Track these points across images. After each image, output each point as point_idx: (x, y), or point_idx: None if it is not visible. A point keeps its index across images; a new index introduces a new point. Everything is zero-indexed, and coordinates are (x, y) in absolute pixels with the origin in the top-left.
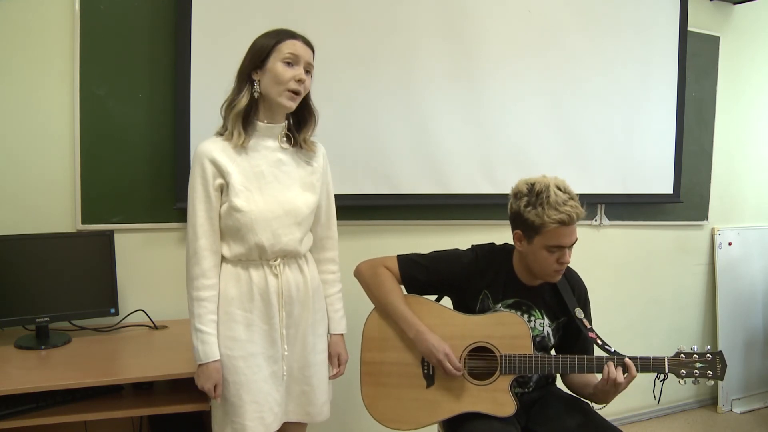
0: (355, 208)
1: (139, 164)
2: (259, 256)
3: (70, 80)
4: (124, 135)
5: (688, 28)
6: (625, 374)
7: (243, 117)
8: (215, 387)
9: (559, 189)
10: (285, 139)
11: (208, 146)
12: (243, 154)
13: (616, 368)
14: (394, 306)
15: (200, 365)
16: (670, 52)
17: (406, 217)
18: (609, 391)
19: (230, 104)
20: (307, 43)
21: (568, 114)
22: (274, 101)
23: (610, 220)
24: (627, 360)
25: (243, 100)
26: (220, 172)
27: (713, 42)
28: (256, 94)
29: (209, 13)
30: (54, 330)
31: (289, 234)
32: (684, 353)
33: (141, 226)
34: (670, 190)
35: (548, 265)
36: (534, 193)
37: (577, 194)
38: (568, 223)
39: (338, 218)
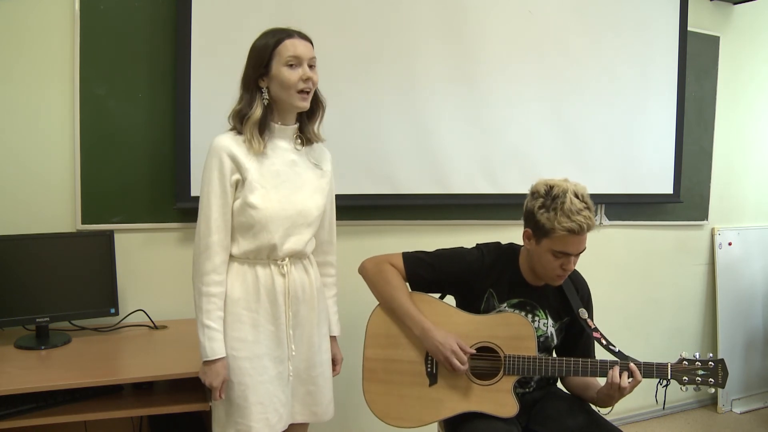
0: (355, 208)
1: (139, 164)
2: (267, 255)
3: (70, 80)
4: (124, 135)
5: (688, 28)
6: (630, 379)
7: (259, 125)
8: (222, 385)
9: (577, 197)
10: (299, 141)
11: (227, 141)
12: (259, 152)
13: (621, 373)
14: (400, 303)
15: (206, 362)
16: (670, 52)
17: (406, 217)
18: (613, 395)
19: (241, 114)
20: (305, 38)
21: (569, 114)
22: (287, 104)
23: (610, 220)
24: (632, 365)
25: (257, 111)
26: (238, 167)
27: (713, 42)
28: (266, 102)
29: (209, 14)
30: (54, 330)
31: (299, 234)
32: (687, 360)
33: (141, 226)
34: (670, 190)
35: (551, 269)
36: (550, 197)
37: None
38: (577, 232)
39: (338, 218)
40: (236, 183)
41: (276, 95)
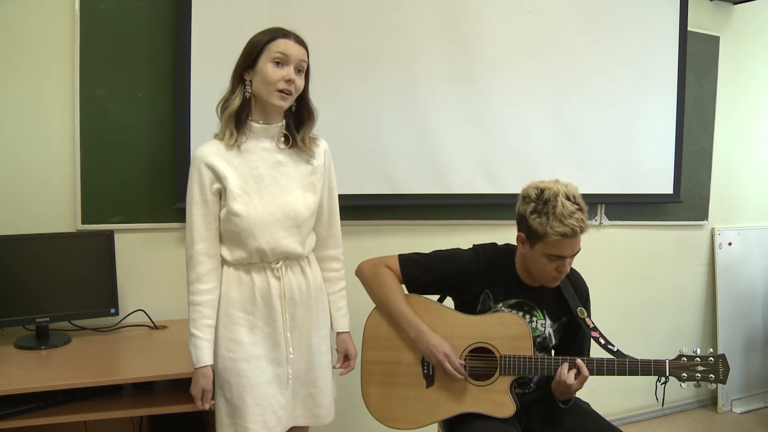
0: (355, 208)
1: (139, 164)
2: (260, 260)
3: (70, 80)
4: (124, 135)
5: (688, 28)
6: (578, 375)
7: (236, 117)
8: (203, 394)
9: (568, 199)
10: (283, 139)
11: (205, 151)
12: (240, 156)
13: (569, 370)
14: (395, 305)
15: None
16: (670, 52)
17: (406, 217)
18: (562, 391)
19: (224, 104)
20: (300, 42)
21: (569, 114)
22: (266, 101)
23: (610, 220)
24: (578, 361)
25: (236, 101)
26: (218, 177)
27: (713, 42)
28: (247, 95)
29: (209, 13)
30: (54, 330)
31: (289, 237)
32: (686, 356)
33: (141, 226)
34: (670, 190)
35: (546, 272)
36: (542, 201)
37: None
38: (571, 236)
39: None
40: (219, 192)
41: (256, 90)
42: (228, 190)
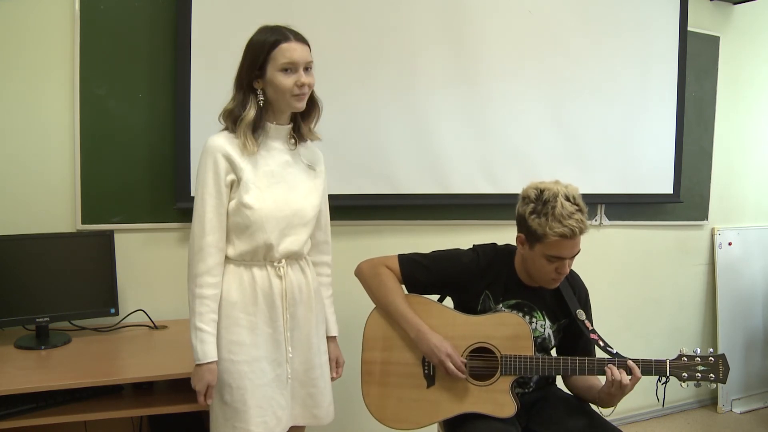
0: (355, 208)
1: (140, 164)
2: (263, 257)
3: (70, 80)
4: (124, 135)
5: (688, 28)
6: (630, 376)
7: (253, 127)
8: (207, 389)
9: (568, 200)
10: (293, 140)
11: (221, 141)
12: (253, 153)
13: (619, 370)
14: (395, 306)
15: (197, 365)
16: (670, 52)
17: (406, 217)
18: (615, 394)
19: (234, 114)
20: (301, 40)
21: (568, 114)
22: (284, 106)
23: (610, 220)
24: (630, 362)
25: (251, 112)
26: (233, 167)
27: (713, 42)
28: (261, 103)
29: (209, 14)
30: (54, 330)
31: (296, 234)
32: (686, 356)
33: (141, 226)
34: (670, 190)
35: (546, 273)
36: (541, 201)
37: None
38: (570, 237)
39: (338, 218)
40: (231, 183)
41: (272, 98)
42: (242, 182)
